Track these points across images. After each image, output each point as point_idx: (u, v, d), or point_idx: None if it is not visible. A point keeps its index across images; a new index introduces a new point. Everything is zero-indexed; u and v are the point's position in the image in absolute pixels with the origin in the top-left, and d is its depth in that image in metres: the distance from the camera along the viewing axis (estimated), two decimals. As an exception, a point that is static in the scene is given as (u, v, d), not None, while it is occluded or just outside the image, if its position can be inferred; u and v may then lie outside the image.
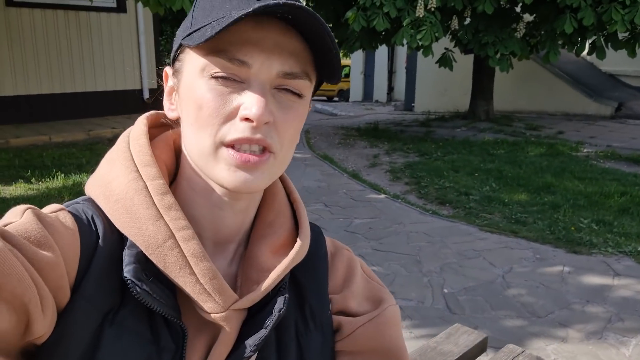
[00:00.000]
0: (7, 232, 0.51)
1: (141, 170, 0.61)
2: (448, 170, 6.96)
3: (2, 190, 5.48)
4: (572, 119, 11.04)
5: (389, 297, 0.76)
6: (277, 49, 0.56)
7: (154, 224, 0.58)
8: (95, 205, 0.62)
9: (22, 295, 0.48)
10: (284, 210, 0.71)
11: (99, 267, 0.57)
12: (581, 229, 4.73)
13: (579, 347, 2.88)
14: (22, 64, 9.04)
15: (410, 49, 8.89)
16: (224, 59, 0.56)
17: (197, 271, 0.59)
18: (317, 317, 0.70)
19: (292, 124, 0.60)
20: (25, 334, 0.50)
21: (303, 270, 0.71)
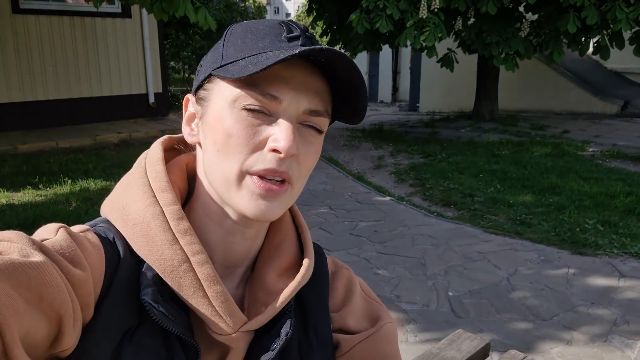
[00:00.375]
0: (46, 247, 0.54)
1: (158, 196, 0.64)
2: (453, 172, 6.96)
3: (11, 196, 5.54)
4: (578, 118, 11.00)
5: (386, 314, 0.80)
6: (304, 87, 0.61)
7: (169, 248, 0.61)
8: (114, 227, 0.65)
9: (59, 308, 0.50)
10: (289, 234, 0.75)
11: (120, 288, 0.61)
12: (586, 230, 4.72)
13: (584, 350, 2.88)
14: (29, 70, 9.12)
15: (414, 50, 8.89)
16: (257, 93, 0.59)
17: (209, 294, 0.62)
18: (320, 336, 0.73)
19: (311, 158, 0.65)
20: (52, 345, 0.52)
21: (307, 290, 0.74)
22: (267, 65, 0.55)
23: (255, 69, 0.56)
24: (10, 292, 0.45)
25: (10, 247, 0.51)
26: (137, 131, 9.24)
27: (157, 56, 10.73)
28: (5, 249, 0.50)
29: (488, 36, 8.68)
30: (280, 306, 0.67)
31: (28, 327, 0.47)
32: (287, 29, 0.62)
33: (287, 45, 0.61)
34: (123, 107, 10.24)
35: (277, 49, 0.60)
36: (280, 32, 0.62)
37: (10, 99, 8.95)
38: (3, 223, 4.56)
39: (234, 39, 0.64)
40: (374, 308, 0.80)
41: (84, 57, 9.75)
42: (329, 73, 0.63)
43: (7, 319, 0.44)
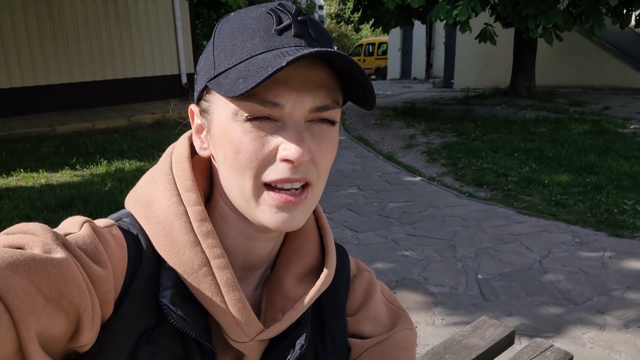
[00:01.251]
0: (69, 242, 0.54)
1: (182, 195, 0.63)
2: (486, 151, 6.81)
3: (50, 177, 5.72)
4: (619, 94, 10.56)
5: (406, 321, 0.77)
6: (306, 85, 0.56)
7: (191, 249, 0.61)
8: (139, 223, 0.65)
9: (78, 305, 0.51)
10: (311, 237, 0.72)
11: (140, 287, 0.60)
12: (625, 211, 4.57)
13: (617, 336, 2.81)
14: (65, 53, 9.32)
15: (447, 25, 8.67)
16: (257, 103, 0.56)
17: (227, 300, 0.61)
18: (336, 341, 0.73)
19: (327, 154, 0.61)
20: (70, 341, 0.53)
21: (325, 294, 0.72)
22: (256, 83, 0.52)
23: (245, 87, 0.53)
24: (29, 288, 0.46)
25: (33, 240, 0.51)
26: (170, 112, 9.37)
27: (189, 36, 10.79)
28: (28, 243, 0.50)
29: (524, 9, 8.37)
30: (297, 315, 0.66)
31: (46, 323, 0.47)
32: (276, 19, 0.58)
33: (277, 40, 0.57)
34: (156, 88, 10.39)
35: (268, 49, 0.56)
36: (270, 23, 0.58)
37: (49, 81, 9.20)
38: (42, 203, 4.72)
39: (223, 40, 0.60)
40: (394, 313, 0.78)
41: (118, 38, 9.90)
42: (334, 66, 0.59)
43: (24, 315, 0.44)
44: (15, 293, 0.44)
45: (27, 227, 0.53)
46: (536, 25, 8.44)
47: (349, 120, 9.60)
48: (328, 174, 0.64)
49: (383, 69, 22.17)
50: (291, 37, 0.57)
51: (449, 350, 1.63)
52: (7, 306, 0.43)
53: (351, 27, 31.46)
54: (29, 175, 5.73)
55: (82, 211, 4.47)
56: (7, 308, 0.43)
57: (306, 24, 0.59)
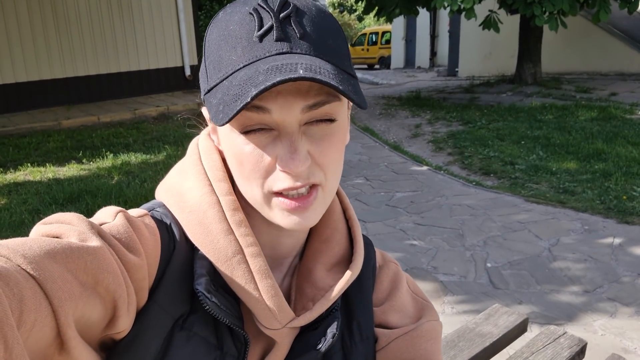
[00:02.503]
0: (104, 231, 0.55)
1: (214, 185, 0.64)
2: (493, 139, 6.78)
3: (57, 171, 5.74)
4: (627, 79, 10.47)
5: (432, 313, 0.77)
6: (292, 86, 0.54)
7: (225, 238, 0.62)
8: (171, 213, 0.66)
9: (114, 292, 0.52)
10: (339, 227, 0.73)
11: (173, 274, 0.61)
12: (634, 197, 4.54)
13: (628, 323, 2.80)
14: (69, 47, 9.32)
15: (452, 12, 8.60)
16: (245, 112, 0.55)
17: (260, 287, 0.62)
18: (363, 331, 0.73)
19: (330, 152, 0.59)
20: (107, 327, 0.54)
21: (352, 284, 0.73)
22: (230, 118, 0.51)
23: (223, 118, 0.52)
24: (66, 276, 0.47)
25: (69, 230, 0.52)
26: (174, 104, 9.36)
27: (192, 28, 10.75)
28: (65, 232, 0.52)
29: (531, -5, 8.29)
30: (329, 304, 0.66)
31: (83, 310, 0.49)
32: (257, 21, 0.55)
33: (259, 49, 0.54)
34: (160, 81, 10.38)
35: (249, 61, 0.54)
36: (252, 28, 0.55)
37: (53, 75, 9.20)
38: (50, 197, 4.74)
39: (211, 50, 0.59)
40: (420, 305, 0.78)
41: (121, 31, 9.88)
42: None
43: (63, 302, 0.45)
44: (53, 280, 0.45)
45: (63, 216, 0.55)
46: (542, 12, 8.35)
47: (354, 111, 9.48)
48: (341, 167, 0.63)
49: (387, 58, 22.06)
50: (273, 43, 0.54)
51: (462, 338, 1.63)
52: (46, 293, 0.44)
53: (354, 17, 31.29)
54: (36, 170, 5.75)
55: (90, 205, 4.49)
56: (46, 295, 0.44)
57: (290, 20, 0.56)
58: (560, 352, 1.61)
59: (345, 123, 0.63)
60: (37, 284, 0.44)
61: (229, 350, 0.63)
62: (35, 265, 0.45)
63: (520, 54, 10.79)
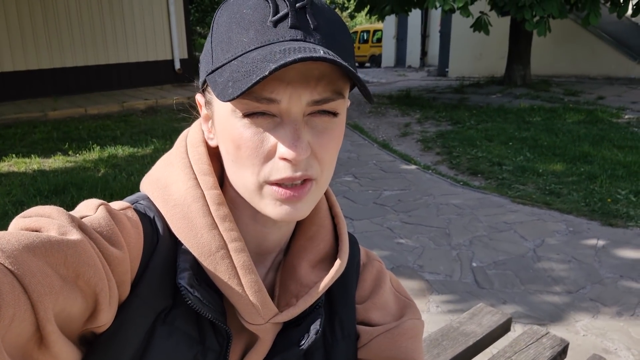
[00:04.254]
0: (85, 224, 0.54)
1: (200, 179, 0.63)
2: (481, 140, 6.82)
3: (42, 162, 5.67)
4: (614, 83, 10.59)
5: (413, 311, 0.77)
6: (302, 78, 0.54)
7: (209, 232, 0.61)
8: (155, 206, 0.65)
9: (95, 285, 0.51)
10: (325, 224, 0.72)
11: (156, 268, 0.61)
12: (618, 200, 4.59)
13: (610, 324, 2.83)
14: (57, 37, 9.20)
15: (444, 11, 8.63)
16: (252, 100, 0.54)
17: (244, 282, 0.61)
18: (345, 328, 0.73)
19: (329, 147, 0.59)
20: (88, 321, 0.54)
21: (336, 281, 0.72)
22: (242, 91, 0.50)
23: (233, 93, 0.51)
24: (46, 270, 0.46)
25: (49, 223, 0.52)
26: (163, 98, 9.29)
27: (182, 21, 10.68)
28: (45, 225, 0.51)
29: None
30: (312, 301, 0.66)
31: (64, 304, 0.48)
32: (272, 7, 0.55)
33: (272, 34, 0.54)
34: (149, 74, 10.29)
35: (262, 44, 0.54)
36: (266, 13, 0.55)
37: (40, 65, 9.09)
38: (35, 189, 4.68)
39: (220, 32, 0.58)
40: (403, 303, 0.78)
41: (110, 23, 9.78)
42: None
43: (42, 296, 0.45)
44: (32, 274, 0.44)
45: (43, 210, 0.54)
46: (532, 15, 8.41)
47: (343, 108, 9.57)
48: (335, 164, 0.63)
49: (378, 57, 22.08)
50: (287, 29, 0.55)
51: (446, 337, 1.64)
52: (25, 287, 0.44)
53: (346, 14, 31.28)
54: (21, 161, 5.68)
55: (75, 197, 4.44)
56: (25, 289, 0.44)
57: (305, 11, 0.56)
58: (543, 352, 1.62)
59: (344, 119, 0.62)
60: (15, 278, 0.43)
61: (211, 345, 0.63)
62: (14, 260, 0.44)
63: (510, 56, 10.86)
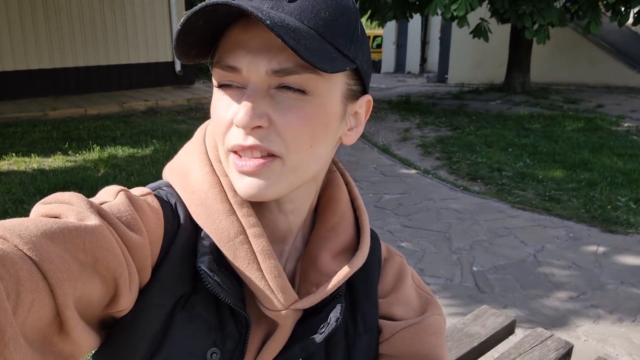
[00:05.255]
0: (104, 210, 0.54)
1: (215, 166, 0.63)
2: (481, 145, 6.83)
3: (42, 162, 5.66)
4: (614, 92, 10.63)
5: (436, 307, 0.77)
6: (264, 47, 0.53)
7: (227, 218, 0.61)
8: (177, 192, 0.65)
9: (115, 270, 0.51)
10: (347, 216, 0.72)
11: (177, 254, 0.60)
12: (618, 207, 4.60)
13: (610, 329, 2.83)
14: (58, 38, 9.20)
15: (445, 19, 8.66)
16: (219, 68, 0.56)
17: (264, 267, 0.61)
18: (367, 321, 0.72)
19: (295, 125, 0.56)
20: (108, 306, 0.54)
21: (358, 274, 0.71)
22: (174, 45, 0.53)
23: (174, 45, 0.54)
24: (64, 255, 0.46)
25: (68, 209, 0.52)
26: (163, 99, 9.29)
27: (184, 24, 10.68)
28: (64, 212, 0.51)
29: (522, 6, 8.38)
30: (332, 289, 0.65)
31: (83, 289, 0.48)
32: None
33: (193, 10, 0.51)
34: (150, 75, 10.29)
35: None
36: None
37: (41, 65, 9.08)
38: (35, 188, 4.66)
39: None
40: (424, 299, 0.77)
41: (112, 23, 9.79)
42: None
43: (61, 282, 0.45)
44: (50, 260, 0.44)
45: (62, 196, 0.54)
46: (532, 23, 8.45)
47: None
48: (317, 147, 0.59)
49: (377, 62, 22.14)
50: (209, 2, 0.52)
51: (450, 338, 1.63)
52: (44, 273, 0.44)
53: (346, 20, 31.37)
54: (21, 160, 5.66)
55: (75, 196, 4.42)
56: (44, 275, 0.44)
57: None
58: (547, 354, 1.62)
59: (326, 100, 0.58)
60: (34, 264, 0.43)
61: (230, 332, 0.62)
62: (32, 246, 0.44)
63: (509, 63, 10.89)
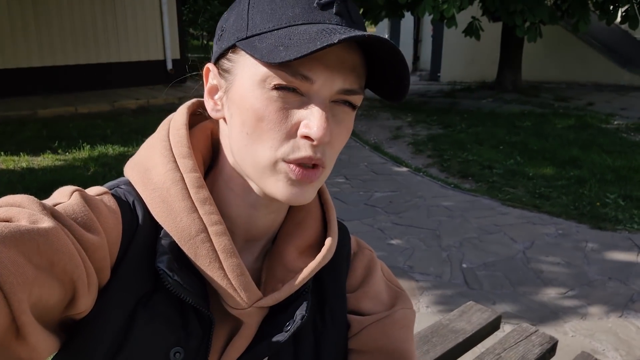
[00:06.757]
0: (58, 211, 0.53)
1: (179, 162, 0.62)
2: (472, 143, 6.85)
3: (31, 160, 5.62)
4: (604, 90, 10.69)
5: (405, 300, 0.77)
6: (339, 65, 0.55)
7: (188, 216, 0.60)
8: (136, 190, 0.64)
9: (72, 272, 0.50)
10: (313, 211, 0.72)
11: (136, 253, 0.60)
12: (607, 204, 4.63)
13: (598, 325, 2.85)
14: (48, 35, 9.14)
15: (435, 20, 8.68)
16: (287, 73, 0.54)
17: (225, 266, 0.60)
18: (336, 316, 0.72)
19: (343, 137, 0.60)
20: (67, 308, 0.53)
21: (325, 268, 0.71)
22: (302, 54, 0.50)
23: (288, 56, 0.51)
24: (18, 260, 0.45)
25: (19, 212, 0.50)
26: (154, 98, 9.25)
27: (175, 22, 10.65)
28: (15, 215, 0.50)
29: (513, 4, 8.41)
30: (298, 286, 0.65)
31: (39, 293, 0.47)
32: None
33: (319, 15, 0.55)
34: (141, 74, 10.24)
35: (309, 21, 0.55)
36: None
37: (30, 63, 9.01)
38: (23, 186, 4.63)
39: (260, 2, 0.58)
40: (394, 293, 0.77)
41: (102, 22, 9.73)
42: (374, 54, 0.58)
43: (14, 287, 0.44)
44: (3, 265, 0.43)
45: (13, 199, 0.53)
46: (523, 21, 8.48)
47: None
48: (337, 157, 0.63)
49: (370, 61, 22.14)
50: (333, 15, 0.56)
51: (435, 334, 1.64)
52: None
53: (339, 18, 31.41)
54: (10, 159, 5.62)
55: (64, 195, 4.40)
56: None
57: (346, 4, 0.58)
58: (532, 349, 1.63)
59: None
60: None
61: (194, 330, 0.62)
62: None
63: (501, 62, 10.93)
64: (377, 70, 0.59)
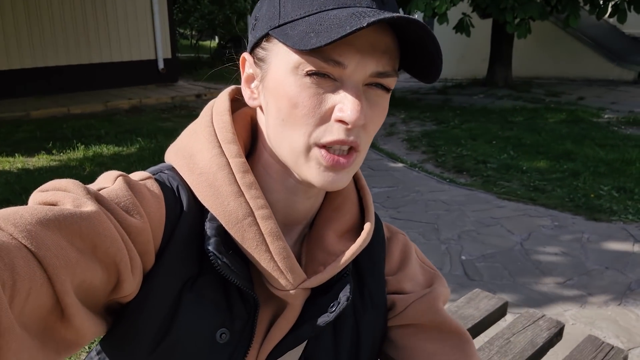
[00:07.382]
0: (102, 196, 0.54)
1: (224, 147, 0.63)
2: (466, 139, 6.90)
3: (26, 161, 5.59)
4: (594, 84, 10.80)
5: (441, 280, 0.80)
6: (371, 48, 0.55)
7: (235, 200, 0.61)
8: (179, 175, 0.64)
9: (114, 256, 0.51)
10: (351, 196, 0.73)
11: (182, 237, 0.60)
12: (601, 196, 4.69)
13: (597, 313, 2.90)
14: (40, 36, 9.08)
15: (426, 17, 8.73)
16: (319, 59, 0.55)
17: (272, 249, 0.61)
18: (375, 299, 0.74)
19: (378, 120, 0.61)
20: (113, 292, 0.54)
21: (363, 253, 0.73)
22: (332, 39, 0.50)
23: (318, 42, 0.51)
24: (61, 242, 0.46)
25: (65, 196, 0.51)
26: (147, 97, 9.22)
27: (166, 21, 10.61)
28: (60, 199, 0.51)
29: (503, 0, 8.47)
30: (341, 267, 0.66)
31: (82, 276, 0.48)
32: None
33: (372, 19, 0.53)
34: (133, 73, 10.21)
35: (339, 6, 0.55)
36: None
37: (22, 64, 8.96)
38: (20, 187, 4.61)
39: None
40: (430, 273, 0.80)
41: (94, 22, 9.68)
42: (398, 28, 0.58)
43: (57, 269, 0.44)
44: (46, 248, 0.44)
45: (59, 183, 0.54)
46: (513, 17, 8.55)
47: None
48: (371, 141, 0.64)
49: (361, 59, 22.18)
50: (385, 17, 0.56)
51: (445, 320, 1.66)
52: (40, 261, 0.44)
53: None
54: (5, 160, 5.59)
55: (62, 195, 4.38)
56: (40, 263, 0.44)
57: None
58: (540, 334, 1.67)
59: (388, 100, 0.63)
60: (29, 252, 0.43)
61: (239, 312, 0.63)
62: (27, 234, 0.44)
63: (492, 58, 11.01)
64: (410, 51, 0.59)
